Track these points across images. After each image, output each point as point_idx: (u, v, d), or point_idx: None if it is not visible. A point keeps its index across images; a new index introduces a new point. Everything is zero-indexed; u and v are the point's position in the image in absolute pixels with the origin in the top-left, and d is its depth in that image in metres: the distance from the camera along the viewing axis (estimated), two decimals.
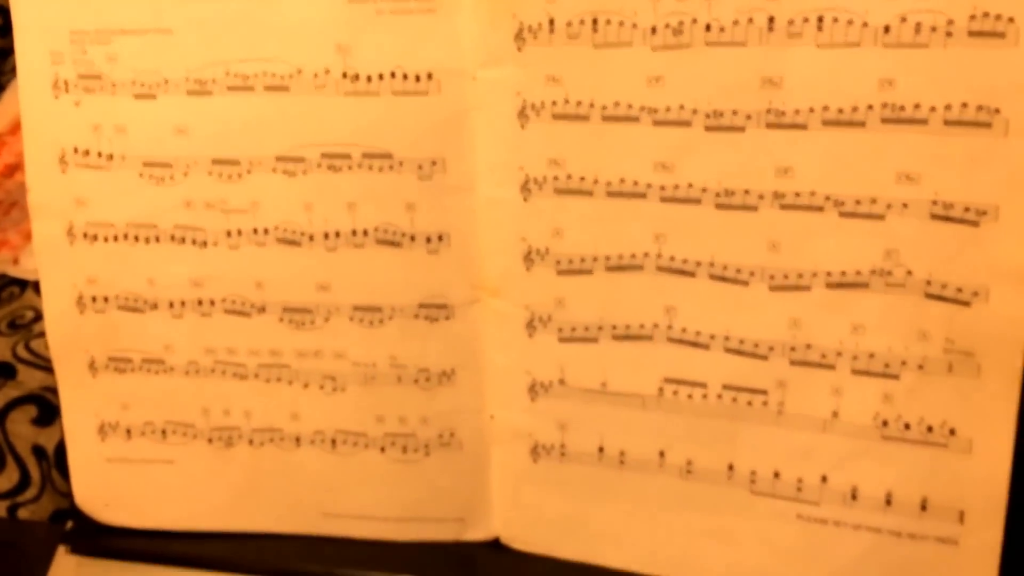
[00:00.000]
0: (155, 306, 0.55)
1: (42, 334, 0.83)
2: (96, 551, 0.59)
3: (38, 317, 0.84)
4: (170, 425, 0.57)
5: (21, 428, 0.76)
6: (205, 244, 0.53)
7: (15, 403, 0.78)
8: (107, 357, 0.56)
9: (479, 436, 0.54)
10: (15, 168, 0.94)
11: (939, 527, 0.47)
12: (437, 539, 0.56)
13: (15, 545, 0.62)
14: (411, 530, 0.56)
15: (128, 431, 0.57)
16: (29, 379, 0.79)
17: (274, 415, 0.56)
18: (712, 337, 0.49)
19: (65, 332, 0.56)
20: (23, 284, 0.88)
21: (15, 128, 0.96)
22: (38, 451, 0.75)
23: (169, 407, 0.56)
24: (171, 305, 0.55)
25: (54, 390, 0.77)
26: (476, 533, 0.56)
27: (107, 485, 0.58)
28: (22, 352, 0.82)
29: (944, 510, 0.47)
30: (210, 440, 0.56)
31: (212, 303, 0.54)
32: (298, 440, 0.56)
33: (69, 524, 0.60)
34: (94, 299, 0.55)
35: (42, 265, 0.56)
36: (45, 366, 0.80)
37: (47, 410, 0.77)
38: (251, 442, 0.56)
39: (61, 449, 0.74)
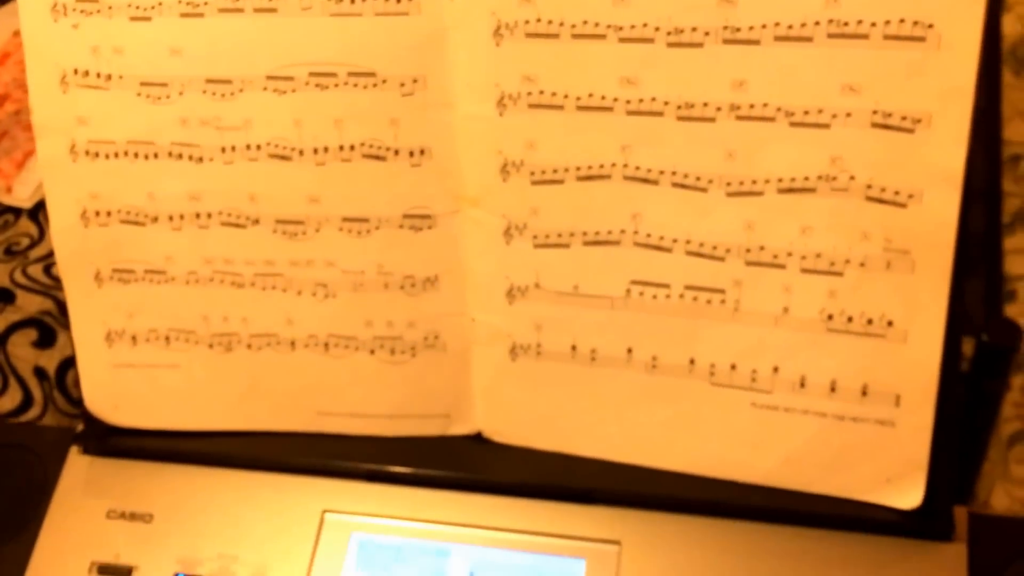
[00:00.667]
0: (155, 219, 0.58)
1: (38, 260, 0.86)
2: (106, 451, 0.63)
3: (33, 244, 0.88)
4: (173, 332, 0.60)
5: (22, 351, 0.80)
6: (201, 160, 0.57)
7: (15, 327, 0.81)
8: (111, 269, 0.60)
9: (461, 338, 0.58)
10: (4, 99, 0.96)
11: (878, 410, 0.51)
12: (424, 434, 0.60)
13: (30, 448, 0.66)
14: (400, 426, 0.60)
15: (133, 338, 0.61)
16: (28, 303, 0.82)
17: (270, 321, 0.59)
18: (674, 241, 0.53)
19: (71, 246, 0.60)
20: (17, 212, 0.91)
21: (2, 58, 0.98)
22: (39, 372, 0.79)
23: (171, 315, 0.60)
24: (170, 218, 0.58)
25: (52, 314, 0.80)
26: (460, 428, 0.60)
27: (115, 389, 0.62)
28: (19, 278, 0.85)
29: (882, 395, 0.51)
30: (211, 345, 0.60)
31: (209, 216, 0.58)
32: (293, 344, 0.60)
33: (80, 427, 0.64)
34: (97, 213, 0.59)
35: (47, 182, 0.59)
36: (42, 291, 0.83)
37: (46, 333, 0.80)
38: (249, 346, 0.60)
39: (62, 370, 0.78)
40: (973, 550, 0.53)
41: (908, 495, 0.52)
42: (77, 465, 0.63)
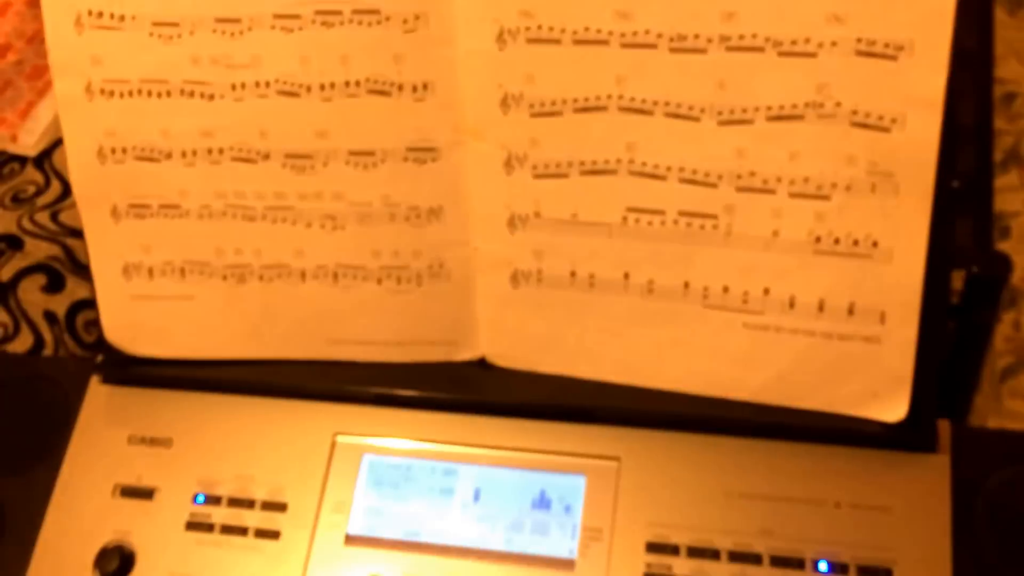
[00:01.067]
0: (169, 156, 0.60)
1: (45, 207, 0.88)
2: (125, 380, 0.66)
3: (39, 191, 0.89)
4: (187, 264, 0.63)
5: (32, 296, 0.82)
6: (212, 97, 0.59)
7: (24, 272, 0.83)
8: (127, 204, 0.62)
9: (465, 266, 0.61)
10: (6, 49, 0.97)
11: (864, 328, 0.54)
12: (430, 360, 0.63)
13: (51, 378, 0.68)
14: (406, 352, 0.63)
15: (150, 271, 0.63)
16: (36, 250, 0.84)
17: (281, 253, 0.62)
18: (668, 169, 0.55)
19: (89, 182, 0.62)
20: (23, 160, 0.92)
21: (3, 9, 0.99)
22: (49, 316, 0.81)
23: (186, 248, 0.62)
24: (183, 154, 0.60)
25: (60, 260, 0.83)
26: (464, 353, 0.63)
27: (133, 320, 0.64)
28: (27, 225, 0.87)
29: (868, 313, 0.54)
30: (224, 277, 0.63)
31: (221, 151, 0.60)
32: (303, 275, 0.62)
33: (100, 357, 0.66)
34: (113, 151, 0.61)
35: (64, 121, 0.61)
36: (50, 237, 0.85)
37: (55, 278, 0.83)
38: (261, 278, 0.62)
39: (72, 313, 0.80)
40: (956, 461, 0.56)
41: (893, 408, 0.54)
42: (98, 394, 0.66)
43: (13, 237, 0.86)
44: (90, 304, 0.80)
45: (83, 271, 0.82)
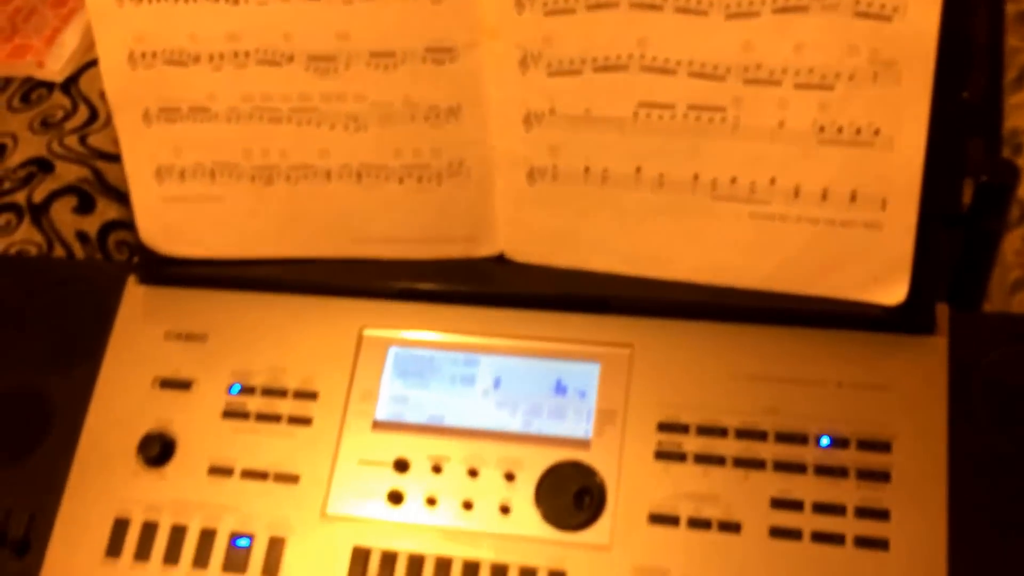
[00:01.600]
0: (197, 59, 0.63)
1: (73, 131, 0.91)
2: (161, 280, 0.69)
3: (67, 116, 0.92)
4: (217, 166, 0.65)
5: (64, 216, 0.85)
6: (237, 2, 0.61)
7: (56, 194, 0.86)
8: (158, 108, 0.65)
9: (483, 164, 0.63)
10: None
11: (865, 214, 0.56)
12: (451, 256, 0.65)
13: (89, 281, 0.71)
14: (428, 249, 0.66)
15: (181, 173, 0.66)
16: (66, 172, 0.87)
17: (306, 153, 0.64)
18: (678, 63, 0.57)
19: (121, 87, 0.64)
20: (50, 86, 0.95)
21: None
22: (81, 236, 0.84)
23: (215, 150, 0.65)
24: (211, 58, 0.63)
25: (90, 181, 0.85)
26: (483, 249, 0.65)
27: (166, 222, 0.67)
28: (57, 148, 0.90)
29: (869, 200, 0.56)
30: (252, 178, 0.65)
31: (246, 55, 0.62)
32: (328, 175, 0.64)
33: (135, 259, 0.70)
34: (143, 55, 0.63)
35: (96, 28, 0.63)
36: (79, 160, 0.88)
37: (86, 200, 0.85)
38: (288, 178, 0.65)
39: (103, 233, 0.83)
40: (953, 343, 0.58)
41: (893, 292, 0.57)
42: (134, 294, 0.69)
43: (44, 160, 0.89)
44: (121, 224, 0.83)
45: (113, 193, 0.85)
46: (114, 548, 0.62)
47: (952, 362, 0.58)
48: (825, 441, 0.57)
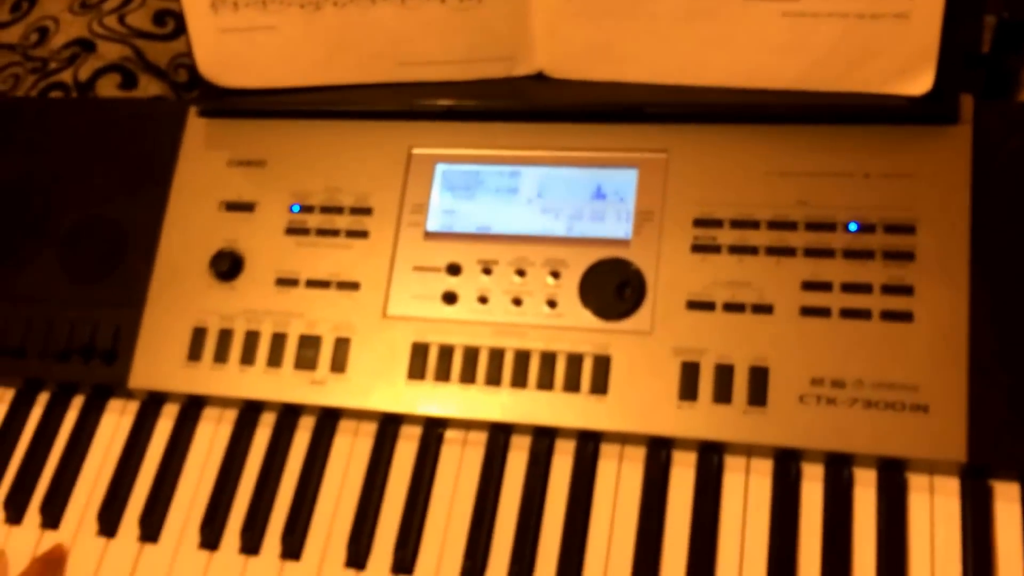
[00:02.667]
0: None
1: (112, 11, 0.93)
2: (220, 111, 0.73)
3: None
4: None
5: (109, 93, 0.88)
6: None
7: (100, 72, 0.89)
8: None
9: None
10: None
11: (895, 4, 0.58)
12: (492, 76, 0.68)
13: (153, 117, 0.75)
14: (470, 70, 0.68)
15: (235, 3, 0.68)
16: (108, 51, 0.90)
17: None
18: None
19: None
20: None
21: None
22: None
23: None
24: None
25: (132, 59, 0.88)
26: (523, 68, 0.68)
27: (222, 53, 0.70)
28: (97, 28, 0.93)
29: None
30: (302, 6, 0.68)
31: None
32: None
33: (195, 93, 0.73)
34: None
35: None
36: (120, 39, 0.91)
37: (128, 77, 0.89)
38: (335, 3, 0.67)
39: None
40: (977, 131, 0.60)
41: (919, 82, 0.59)
42: (196, 126, 0.73)
43: (86, 40, 0.92)
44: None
45: (153, 70, 0.88)
46: (195, 353, 0.67)
47: (975, 148, 0.60)
48: (853, 227, 0.60)
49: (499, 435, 0.63)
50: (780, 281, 0.60)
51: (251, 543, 0.63)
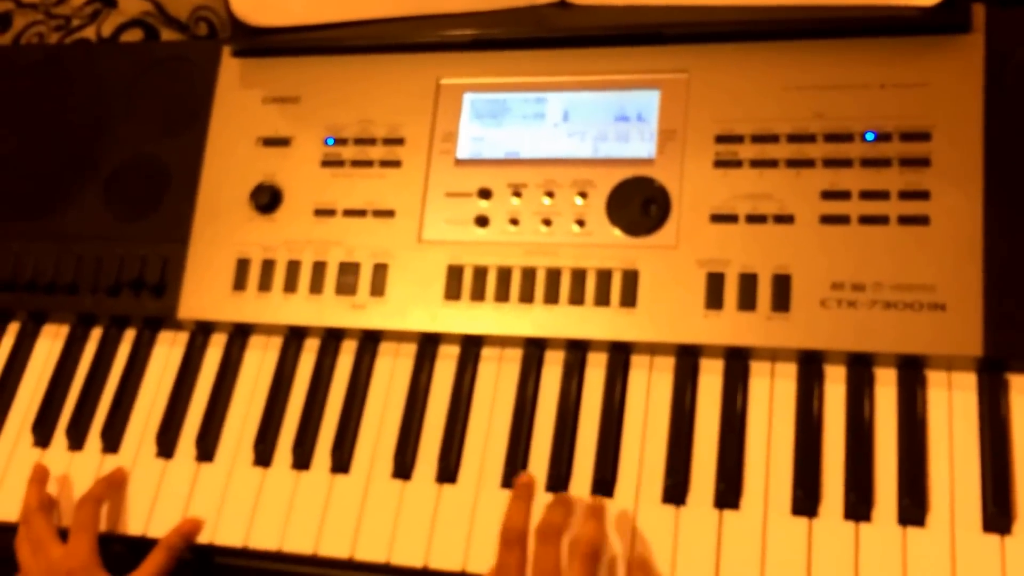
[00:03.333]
0: None
1: None
2: (253, 51, 0.75)
3: None
4: None
5: None
6: None
7: (123, 28, 0.91)
8: None
9: None
10: None
11: None
12: (515, 5, 0.70)
13: (187, 58, 0.78)
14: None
15: None
16: (129, 7, 0.92)
17: None
18: None
19: None
20: None
21: None
22: None
23: None
24: None
25: (153, 14, 0.90)
26: None
27: None
28: None
29: None
30: None
31: None
32: None
33: (228, 33, 0.76)
34: None
35: None
36: None
37: (150, 32, 0.90)
38: None
39: None
40: (989, 38, 0.62)
41: None
42: (231, 66, 0.76)
43: None
44: None
45: (175, 24, 0.90)
46: (239, 283, 0.71)
47: (988, 56, 0.62)
48: (870, 136, 0.62)
49: (534, 350, 0.66)
50: (800, 192, 0.62)
51: (302, 459, 0.67)
